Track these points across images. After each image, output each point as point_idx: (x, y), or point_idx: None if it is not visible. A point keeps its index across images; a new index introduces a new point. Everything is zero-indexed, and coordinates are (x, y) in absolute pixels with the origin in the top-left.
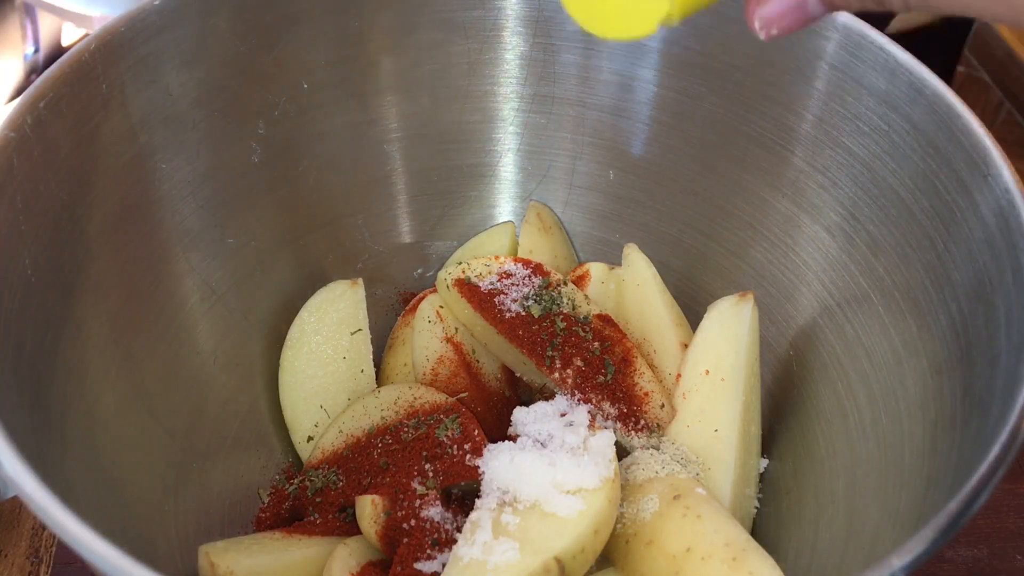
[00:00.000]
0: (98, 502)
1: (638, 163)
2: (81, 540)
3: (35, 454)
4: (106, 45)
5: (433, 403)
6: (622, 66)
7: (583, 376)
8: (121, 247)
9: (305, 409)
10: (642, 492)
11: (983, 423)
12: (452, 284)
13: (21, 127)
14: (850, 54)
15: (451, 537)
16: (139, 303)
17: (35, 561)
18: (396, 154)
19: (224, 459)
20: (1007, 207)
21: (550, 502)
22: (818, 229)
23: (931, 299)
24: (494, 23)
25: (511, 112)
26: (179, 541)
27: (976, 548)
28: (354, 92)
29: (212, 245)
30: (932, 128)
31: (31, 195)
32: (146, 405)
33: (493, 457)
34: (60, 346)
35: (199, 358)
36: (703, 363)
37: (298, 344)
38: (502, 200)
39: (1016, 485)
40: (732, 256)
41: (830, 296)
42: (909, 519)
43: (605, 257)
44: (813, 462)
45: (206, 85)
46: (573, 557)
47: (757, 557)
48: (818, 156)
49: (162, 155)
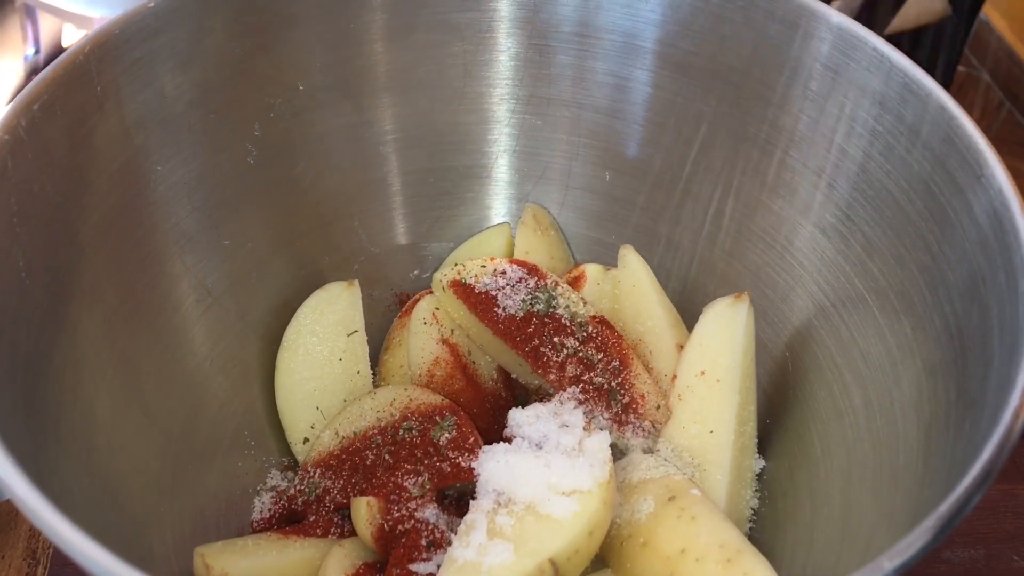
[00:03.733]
0: (93, 504)
1: (634, 164)
2: (73, 543)
3: (29, 456)
4: (101, 47)
5: (429, 404)
6: (617, 67)
7: (579, 378)
8: (116, 249)
9: (301, 410)
10: (637, 493)
11: (976, 424)
12: (448, 285)
13: (15, 129)
14: (844, 55)
15: (446, 538)
16: (134, 305)
17: (32, 562)
18: (392, 156)
19: (220, 461)
20: (1001, 208)
21: (545, 503)
22: (813, 230)
23: (925, 300)
24: (489, 25)
25: (507, 113)
26: (175, 543)
27: (973, 549)
28: (350, 94)
29: (208, 247)
30: (926, 129)
31: (25, 197)
32: (142, 407)
33: (488, 458)
34: (55, 348)
35: (195, 360)
36: (699, 364)
37: (294, 346)
38: (498, 201)
39: (1013, 487)
40: (727, 257)
41: (825, 297)
42: (904, 520)
43: (601, 258)
44: (808, 463)
45: (201, 87)
46: (568, 559)
47: (752, 558)
48: (813, 157)
49: (157, 157)
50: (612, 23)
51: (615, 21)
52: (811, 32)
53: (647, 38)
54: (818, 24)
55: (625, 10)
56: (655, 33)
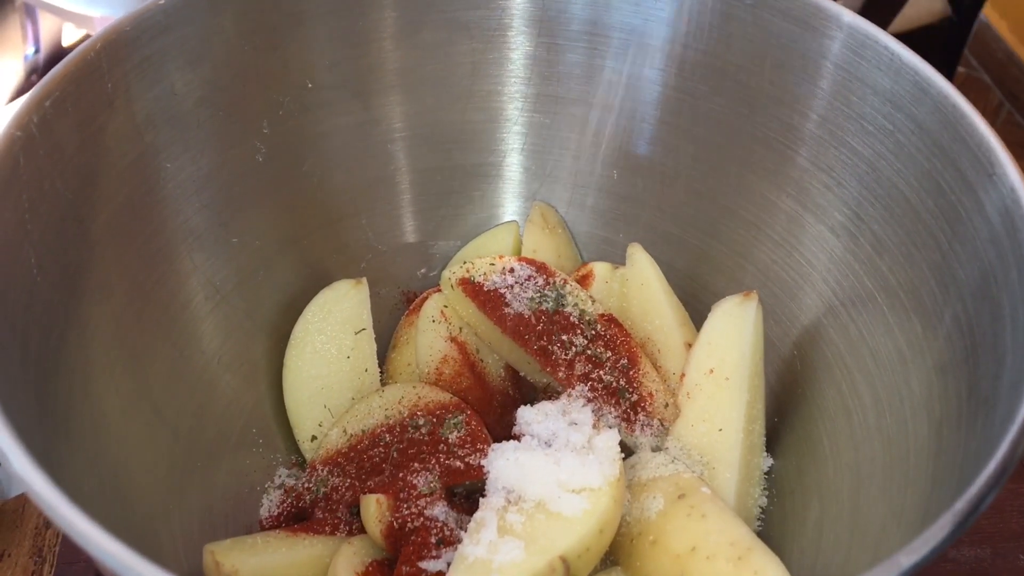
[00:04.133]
0: (103, 500)
1: (642, 163)
2: (89, 537)
3: (41, 452)
4: (112, 44)
5: (437, 402)
6: (626, 66)
7: (587, 375)
8: (126, 246)
9: (309, 408)
10: (647, 491)
11: (989, 422)
12: (456, 283)
13: (27, 126)
14: (855, 53)
15: (456, 536)
16: (144, 302)
17: (38, 560)
18: (400, 154)
19: (228, 458)
20: (1012, 206)
21: (555, 501)
22: (822, 229)
23: (936, 298)
24: (498, 23)
25: (515, 112)
26: (183, 540)
27: (979, 548)
28: (358, 92)
29: (216, 244)
30: (937, 127)
31: (37, 194)
32: (151, 404)
33: (498, 456)
34: (65, 345)
35: (203, 357)
36: (707, 362)
37: (302, 343)
38: (506, 200)
39: (1019, 485)
40: (736, 255)
41: (834, 295)
42: (914, 518)
43: (609, 257)
44: (817, 461)
45: (211, 84)
46: (578, 556)
47: (762, 556)
48: (823, 156)
49: (167, 154)
50: (622, 21)
51: (625, 19)
52: (822, 30)
53: (657, 36)
54: (829, 22)
55: (635, 8)
56: (665, 31)
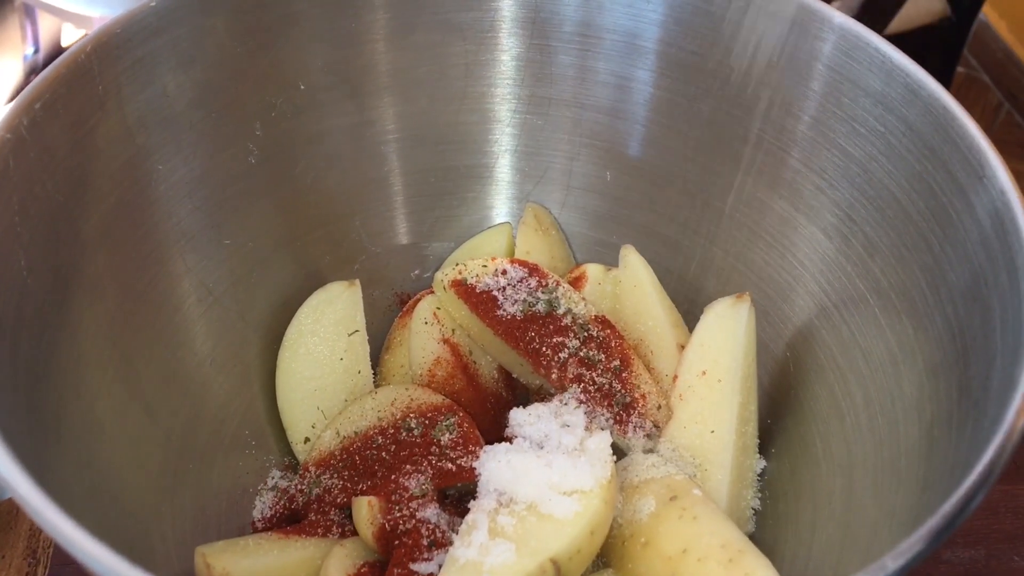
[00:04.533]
0: (94, 503)
1: (635, 164)
2: (75, 542)
3: (31, 455)
4: (103, 46)
5: (430, 404)
6: (619, 67)
7: (580, 377)
8: (117, 248)
9: (302, 410)
10: (638, 493)
11: (979, 424)
12: (449, 285)
13: (17, 128)
14: (846, 56)
15: (447, 538)
16: (135, 304)
17: (32, 562)
18: (393, 155)
19: (221, 460)
20: (1002, 208)
21: (546, 503)
22: (815, 230)
23: (927, 300)
24: (491, 24)
25: (508, 113)
26: (175, 542)
27: (973, 549)
28: (351, 93)
29: (209, 246)
30: (928, 129)
31: (27, 196)
32: (143, 406)
33: (490, 458)
34: (56, 347)
35: (196, 359)
36: (700, 364)
37: (295, 345)
38: (499, 201)
39: (1013, 487)
40: (729, 257)
41: (826, 297)
42: (906, 520)
43: (602, 258)
44: (810, 463)
45: (203, 86)
46: (569, 558)
47: (753, 558)
48: (814, 157)
49: (159, 156)
50: (614, 23)
51: (617, 21)
52: (813, 32)
53: (649, 38)
54: (820, 24)
55: (627, 10)
56: (657, 33)
